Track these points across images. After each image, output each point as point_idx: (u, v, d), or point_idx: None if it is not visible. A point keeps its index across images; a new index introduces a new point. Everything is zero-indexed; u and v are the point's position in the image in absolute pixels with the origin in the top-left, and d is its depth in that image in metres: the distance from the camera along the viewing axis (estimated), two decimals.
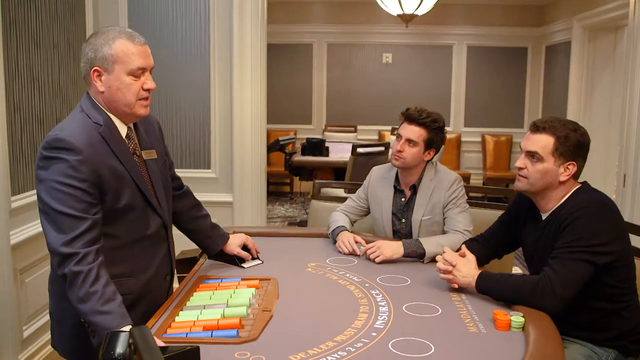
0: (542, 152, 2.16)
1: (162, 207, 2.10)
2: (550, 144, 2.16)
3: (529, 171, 2.20)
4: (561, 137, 2.15)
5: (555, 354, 1.72)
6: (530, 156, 2.20)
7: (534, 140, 2.19)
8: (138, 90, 1.92)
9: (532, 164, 2.19)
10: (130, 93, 1.91)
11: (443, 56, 9.28)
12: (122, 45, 1.88)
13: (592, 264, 2.05)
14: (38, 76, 3.40)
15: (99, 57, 1.87)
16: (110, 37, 1.88)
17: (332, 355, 1.68)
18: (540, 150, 2.16)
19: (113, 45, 1.87)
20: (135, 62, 1.90)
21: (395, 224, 2.92)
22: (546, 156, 2.16)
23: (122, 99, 1.91)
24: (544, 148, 2.16)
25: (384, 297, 2.16)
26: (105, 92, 1.91)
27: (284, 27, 9.08)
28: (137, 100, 1.94)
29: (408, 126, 2.82)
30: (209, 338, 1.76)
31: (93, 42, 1.89)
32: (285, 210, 8.06)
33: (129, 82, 1.90)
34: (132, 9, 4.21)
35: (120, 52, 1.87)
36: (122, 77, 1.89)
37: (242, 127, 4.24)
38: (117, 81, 1.89)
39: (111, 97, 1.91)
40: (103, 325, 1.68)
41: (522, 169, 2.22)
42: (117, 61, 1.88)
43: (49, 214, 1.79)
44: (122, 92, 1.90)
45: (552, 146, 2.15)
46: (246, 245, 2.52)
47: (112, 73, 1.88)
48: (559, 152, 2.15)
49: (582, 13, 7.18)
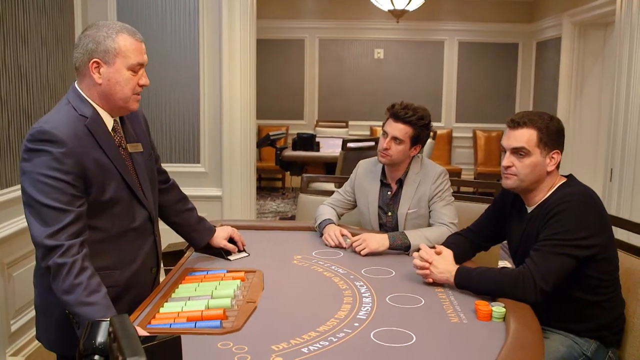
0: (529, 146, 2.17)
1: (147, 200, 2.11)
2: (534, 137, 2.17)
3: (518, 168, 2.20)
4: (542, 127, 2.17)
5: (534, 344, 1.74)
6: (516, 153, 2.20)
7: (516, 136, 2.20)
8: (135, 85, 1.97)
9: (519, 160, 2.19)
10: (128, 87, 1.95)
11: (434, 52, 9.29)
12: (124, 40, 1.92)
13: (574, 258, 2.07)
14: (26, 72, 3.40)
15: (100, 49, 1.90)
16: (113, 30, 1.92)
17: (314, 345, 1.70)
18: (526, 144, 2.17)
19: (116, 39, 1.91)
20: (136, 58, 1.95)
21: (382, 217, 2.94)
22: (532, 149, 2.17)
23: (119, 92, 1.94)
24: (529, 142, 2.17)
25: (368, 288, 2.18)
26: (102, 84, 1.93)
27: (275, 22, 9.08)
28: (132, 94, 1.98)
29: (394, 124, 2.82)
30: (192, 329, 1.78)
31: (94, 34, 1.91)
32: (277, 205, 8.07)
33: (128, 77, 1.94)
34: (120, 4, 4.20)
35: (123, 46, 1.91)
36: (122, 71, 1.93)
37: (232, 121, 4.25)
38: (117, 74, 1.92)
39: (108, 89, 1.94)
40: (88, 317, 1.69)
41: (509, 167, 2.22)
42: (119, 55, 1.91)
43: (32, 207, 1.79)
44: (121, 86, 1.94)
45: (536, 138, 2.17)
46: (232, 238, 2.53)
47: (113, 66, 1.92)
48: (543, 143, 2.17)
49: (572, 9, 7.21)
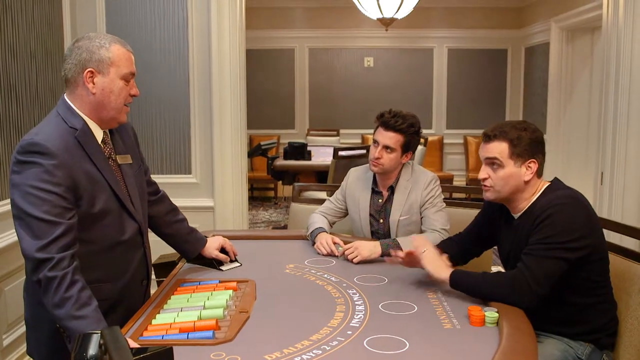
0: (501, 157, 2.20)
1: (137, 212, 2.10)
2: (505, 149, 2.20)
3: (493, 180, 2.23)
4: (514, 139, 2.19)
5: (527, 348, 1.74)
6: (491, 164, 2.23)
7: (489, 148, 2.24)
8: (126, 95, 1.99)
9: (494, 172, 2.22)
10: (121, 97, 1.97)
11: (424, 59, 9.33)
12: (118, 50, 1.95)
13: (565, 260, 2.07)
14: (15, 85, 3.39)
15: (94, 58, 1.92)
16: (106, 41, 1.95)
17: (307, 354, 1.69)
18: (499, 156, 2.20)
19: (110, 48, 1.94)
20: (128, 67, 1.98)
21: (373, 225, 2.94)
22: (505, 161, 2.20)
23: (112, 102, 1.96)
24: (502, 154, 2.20)
25: (360, 296, 2.18)
26: (96, 94, 1.94)
27: (265, 32, 9.10)
28: (123, 105, 2.00)
29: (384, 132, 2.83)
30: (185, 340, 1.77)
31: (87, 44, 1.93)
32: (270, 215, 8.05)
33: (121, 86, 1.96)
34: (110, 16, 4.20)
35: (116, 56, 1.94)
36: (116, 80, 1.95)
37: (222, 131, 4.24)
38: (111, 84, 1.94)
39: (102, 99, 1.95)
40: (78, 330, 1.67)
41: (485, 179, 2.25)
42: (113, 64, 1.94)
43: (23, 219, 1.78)
44: (115, 95, 1.95)
45: (508, 150, 2.20)
46: (224, 248, 2.53)
47: (108, 76, 1.94)
48: (516, 154, 2.19)
49: (559, 14, 7.27)
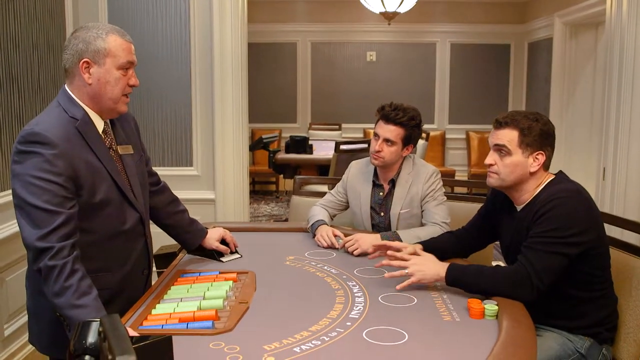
0: (510, 145, 2.19)
1: (138, 202, 2.10)
2: (515, 137, 2.19)
3: (499, 166, 2.22)
4: (524, 128, 2.18)
5: (526, 341, 1.73)
6: (499, 150, 2.22)
7: (499, 135, 2.23)
8: (124, 85, 1.98)
9: (501, 159, 2.22)
10: (118, 87, 1.96)
11: (426, 54, 9.32)
12: (114, 40, 1.94)
13: (566, 255, 2.07)
14: (17, 76, 3.39)
15: (90, 49, 1.91)
16: (103, 31, 1.94)
17: (306, 345, 1.70)
18: (508, 144, 2.19)
19: (106, 39, 1.93)
20: (126, 57, 1.97)
21: (374, 218, 2.94)
22: (514, 149, 2.19)
23: (109, 92, 1.95)
24: (511, 142, 2.19)
25: (360, 288, 2.18)
26: (92, 84, 1.94)
27: (267, 26, 9.09)
28: (122, 95, 1.99)
29: (385, 125, 2.83)
30: (184, 329, 1.77)
31: (83, 35, 1.93)
32: (271, 209, 8.05)
33: (118, 76, 1.95)
34: (112, 10, 4.20)
35: (113, 46, 1.93)
36: (112, 71, 1.94)
37: (224, 124, 4.24)
38: (107, 74, 1.94)
39: (98, 90, 1.95)
40: (78, 319, 1.66)
41: (492, 165, 2.25)
42: (109, 55, 1.93)
43: (23, 209, 1.79)
44: (111, 85, 1.95)
45: (517, 139, 2.19)
46: (225, 240, 2.53)
47: (103, 66, 1.93)
48: (525, 144, 2.18)
49: (563, 9, 7.25)
